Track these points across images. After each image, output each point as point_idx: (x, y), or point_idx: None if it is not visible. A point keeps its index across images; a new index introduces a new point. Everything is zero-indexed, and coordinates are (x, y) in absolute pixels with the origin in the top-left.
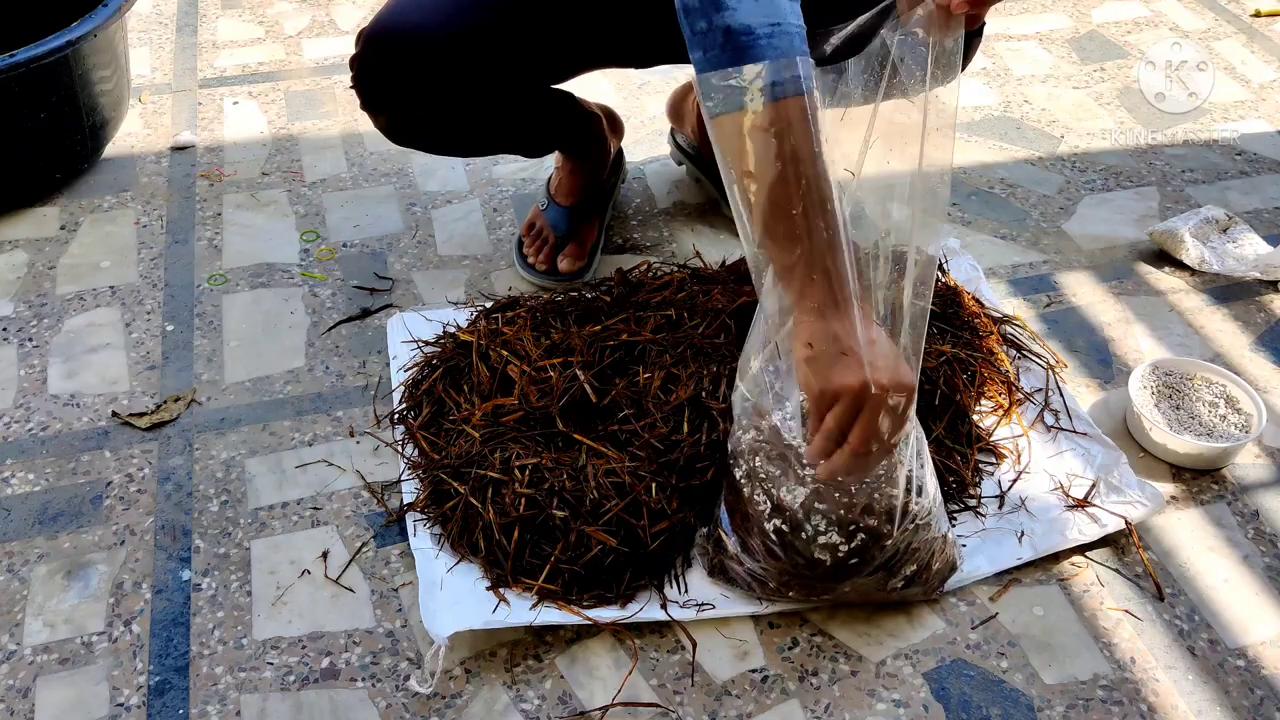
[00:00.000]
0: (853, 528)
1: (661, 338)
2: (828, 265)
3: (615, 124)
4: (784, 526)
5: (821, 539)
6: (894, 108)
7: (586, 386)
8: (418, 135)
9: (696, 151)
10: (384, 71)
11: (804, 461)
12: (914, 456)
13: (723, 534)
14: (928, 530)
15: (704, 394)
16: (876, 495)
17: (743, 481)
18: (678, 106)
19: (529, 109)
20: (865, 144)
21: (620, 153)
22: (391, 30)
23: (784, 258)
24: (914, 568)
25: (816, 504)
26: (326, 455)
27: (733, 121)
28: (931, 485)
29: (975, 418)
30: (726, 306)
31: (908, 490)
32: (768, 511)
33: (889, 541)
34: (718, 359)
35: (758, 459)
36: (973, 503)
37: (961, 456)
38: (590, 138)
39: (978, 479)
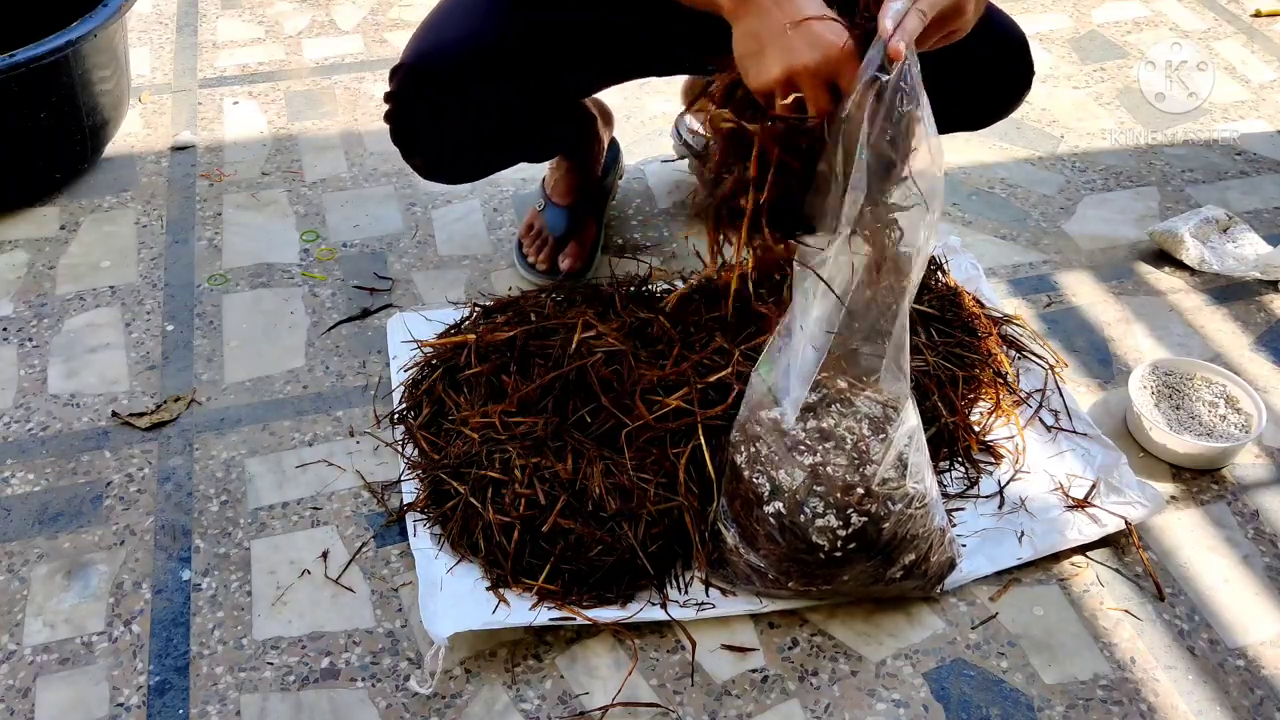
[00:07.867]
0: (850, 511)
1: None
2: None
3: (606, 116)
4: (783, 509)
5: (819, 521)
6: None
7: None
8: (451, 162)
9: (702, 147)
10: (424, 97)
11: (801, 452)
12: (909, 442)
13: (722, 526)
14: (925, 518)
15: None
16: (874, 479)
17: (744, 465)
18: (693, 87)
19: (554, 122)
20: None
21: (616, 150)
22: (430, 55)
23: None
24: (912, 557)
25: (814, 486)
26: (326, 455)
27: None
28: (928, 473)
29: (975, 417)
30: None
31: (903, 474)
32: (767, 494)
33: (886, 525)
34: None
35: (758, 444)
36: (967, 504)
37: (957, 454)
38: (588, 136)
39: (975, 476)
